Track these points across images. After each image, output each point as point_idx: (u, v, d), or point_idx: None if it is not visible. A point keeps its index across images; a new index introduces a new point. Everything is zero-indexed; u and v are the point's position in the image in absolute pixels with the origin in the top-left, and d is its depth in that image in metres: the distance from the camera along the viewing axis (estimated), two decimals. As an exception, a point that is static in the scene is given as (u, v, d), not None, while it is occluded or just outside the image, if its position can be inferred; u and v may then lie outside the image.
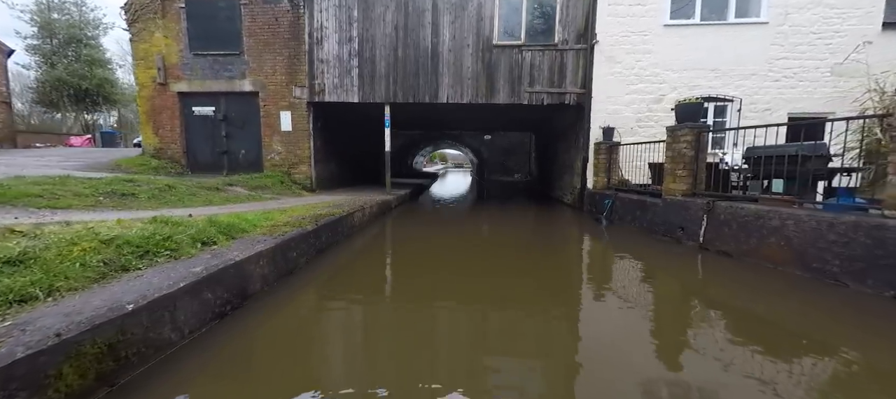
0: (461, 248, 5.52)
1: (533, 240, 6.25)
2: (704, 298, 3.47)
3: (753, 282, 3.74)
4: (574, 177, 9.77)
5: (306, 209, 5.68)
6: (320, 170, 10.33)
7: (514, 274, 4.28)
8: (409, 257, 4.90)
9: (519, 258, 4.96)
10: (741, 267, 4.27)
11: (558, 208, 10.12)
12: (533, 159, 17.98)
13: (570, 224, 7.78)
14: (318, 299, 3.23)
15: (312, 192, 9.63)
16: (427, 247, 5.51)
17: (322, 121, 10.40)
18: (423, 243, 5.79)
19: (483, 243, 5.92)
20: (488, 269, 4.38)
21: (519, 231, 7.09)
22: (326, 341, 2.50)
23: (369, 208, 6.98)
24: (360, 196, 8.92)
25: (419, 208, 10.09)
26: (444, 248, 5.51)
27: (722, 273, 4.16)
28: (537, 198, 13.25)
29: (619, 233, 6.43)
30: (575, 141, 9.70)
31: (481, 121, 14.56)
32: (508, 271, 4.38)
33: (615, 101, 8.49)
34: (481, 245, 5.76)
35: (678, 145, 5.60)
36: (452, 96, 9.10)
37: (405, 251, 5.24)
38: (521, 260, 4.88)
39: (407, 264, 4.57)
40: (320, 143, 10.36)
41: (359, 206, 6.52)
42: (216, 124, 9.90)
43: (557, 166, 11.93)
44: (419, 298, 3.28)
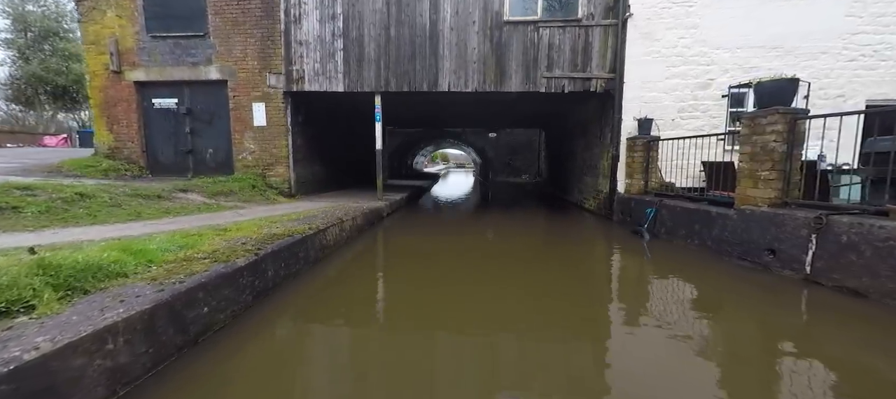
0: (465, 272, 4.08)
1: (557, 260, 4.80)
2: (841, 368, 2.04)
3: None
4: (598, 179, 8.30)
5: (263, 225, 4.25)
6: (301, 172, 8.90)
7: (539, 314, 2.86)
8: (397, 290, 3.47)
9: (544, 290, 3.51)
10: (888, 314, 2.82)
11: (578, 215, 8.66)
12: (542, 159, 16.51)
13: (598, 237, 6.33)
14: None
15: (291, 199, 8.20)
16: (422, 271, 4.08)
17: (304, 115, 8.96)
18: (417, 265, 4.37)
19: (493, 264, 4.48)
20: (504, 310, 2.93)
21: (536, 246, 5.64)
22: None
23: (352, 220, 5.54)
24: (346, 203, 7.48)
25: (416, 215, 8.66)
26: (443, 271, 4.08)
27: (857, 326, 2.70)
28: (550, 202, 11.78)
29: (668, 252, 4.98)
30: (599, 136, 8.23)
31: (486, 116, 13.12)
32: (531, 310, 2.96)
33: (652, 88, 7.03)
34: (491, 267, 4.32)
35: (762, 137, 4.13)
36: (455, 84, 7.65)
37: (393, 279, 3.81)
38: (547, 293, 3.42)
39: (394, 303, 3.14)
40: (302, 141, 8.93)
41: (336, 219, 5.08)
42: (179, 119, 8.48)
43: (575, 166, 10.46)
44: (406, 372, 1.84)
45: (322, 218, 5.10)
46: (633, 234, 6.02)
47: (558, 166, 12.84)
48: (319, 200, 8.06)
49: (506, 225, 7.61)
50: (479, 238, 6.24)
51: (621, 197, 7.07)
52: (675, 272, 4.18)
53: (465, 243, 5.80)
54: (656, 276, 4.15)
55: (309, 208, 6.43)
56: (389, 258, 4.93)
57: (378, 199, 8.24)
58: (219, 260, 2.74)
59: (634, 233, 6.05)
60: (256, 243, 3.32)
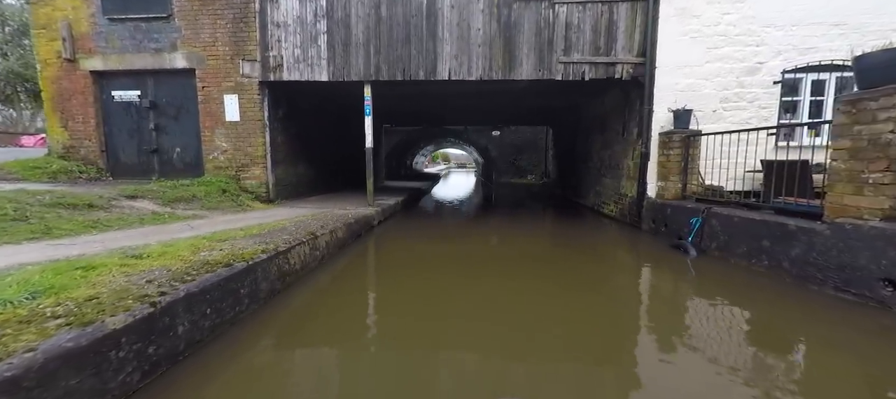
0: (468, 298, 3.04)
1: (582, 281, 3.74)
2: None
3: None
4: (620, 181, 7.23)
5: (204, 245, 3.20)
6: (282, 174, 7.85)
7: (568, 359, 1.79)
8: (380, 326, 2.41)
9: (571, 323, 2.44)
10: None
11: (595, 222, 7.59)
12: (550, 158, 15.45)
13: (627, 252, 5.28)
14: None
15: (268, 204, 7.15)
16: (415, 298, 3.03)
17: (285, 108, 7.92)
18: (408, 291, 3.33)
19: (502, 287, 3.42)
20: (522, 357, 1.88)
21: (554, 261, 4.58)
22: None
23: (330, 234, 4.49)
24: (331, 210, 6.43)
25: (413, 222, 7.60)
26: (441, 297, 3.04)
27: None
28: (560, 206, 10.72)
29: (723, 274, 3.93)
30: (622, 132, 7.16)
31: (490, 111, 12.06)
32: (556, 354, 1.90)
33: (690, 74, 5.96)
34: (500, 292, 3.26)
35: (872, 127, 3.06)
36: (456, 71, 6.59)
37: (377, 311, 2.75)
38: (576, 330, 2.36)
39: (374, 344, 2.08)
40: (283, 139, 7.88)
41: (307, 235, 4.02)
42: (142, 114, 7.44)
43: (591, 167, 9.39)
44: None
45: (290, 232, 4.04)
46: (674, 249, 4.95)
47: (569, 166, 11.77)
48: (301, 206, 7.01)
49: (514, 234, 6.55)
50: (484, 252, 5.18)
51: (653, 202, 5.99)
52: (738, 302, 3.15)
53: (467, 259, 4.74)
54: (712, 305, 3.12)
55: (283, 218, 5.38)
56: (375, 280, 3.88)
57: (369, 204, 7.18)
58: (82, 320, 1.69)
59: (675, 247, 4.98)
60: (172, 280, 2.27)
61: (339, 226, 4.84)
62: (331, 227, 4.63)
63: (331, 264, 4.22)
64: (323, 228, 4.47)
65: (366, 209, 6.75)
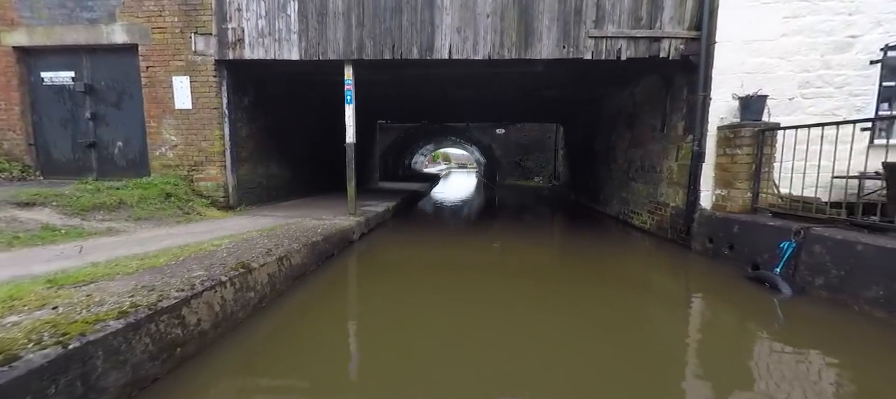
0: (475, 357, 1.73)
1: (624, 325, 2.41)
2: None
3: None
4: (659, 186, 5.91)
5: (21, 295, 1.88)
6: (247, 174, 6.53)
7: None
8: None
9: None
10: None
11: (624, 236, 6.27)
12: (560, 158, 14.12)
13: (677, 280, 3.98)
14: None
15: (226, 212, 5.83)
16: (394, 360, 1.72)
17: (252, 95, 6.60)
18: (384, 347, 1.98)
19: (519, 331, 2.10)
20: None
21: (584, 292, 3.25)
22: None
23: (279, 263, 3.16)
24: (302, 220, 5.12)
25: (404, 233, 6.28)
26: (432, 364, 1.73)
27: None
28: (575, 213, 9.39)
29: (843, 327, 2.65)
30: (662, 126, 5.84)
31: (496, 105, 10.73)
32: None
33: (760, 51, 4.63)
34: (519, 342, 1.93)
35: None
36: (459, 48, 5.27)
37: None
38: None
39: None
40: (249, 132, 6.56)
41: (237, 267, 2.69)
42: (77, 100, 6.13)
43: (615, 168, 8.07)
44: None
45: (215, 263, 2.72)
46: (752, 282, 3.63)
47: (585, 168, 10.44)
48: (267, 215, 5.69)
49: (525, 250, 5.22)
50: (490, 277, 3.85)
51: (709, 215, 4.66)
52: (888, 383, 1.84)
53: (468, 287, 3.43)
54: (837, 384, 1.80)
55: (229, 233, 4.06)
56: (337, 338, 2.54)
57: (350, 213, 5.86)
58: None
59: (754, 279, 3.66)
60: None
61: (294, 249, 3.51)
62: (282, 252, 3.31)
63: (276, 307, 2.89)
64: (269, 254, 3.15)
65: (345, 219, 5.43)
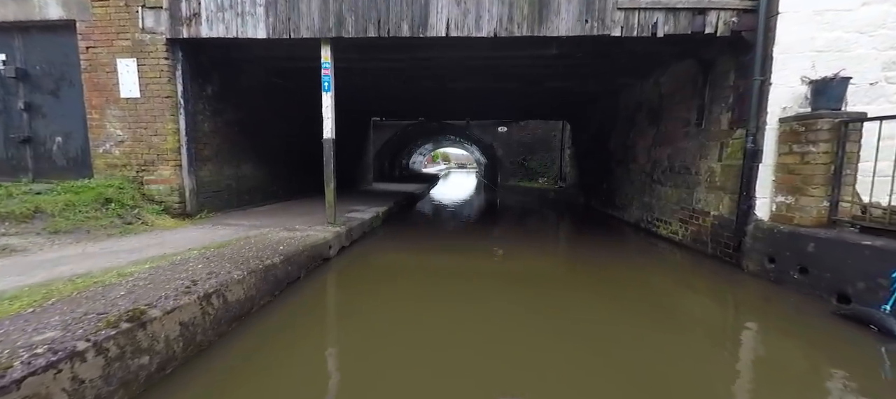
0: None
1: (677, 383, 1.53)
2: None
3: None
4: (696, 190, 4.98)
5: None
6: (211, 175, 5.60)
7: None
8: None
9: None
10: None
11: (649, 248, 5.37)
12: (567, 158, 13.20)
13: (730, 311, 3.03)
14: None
15: (181, 220, 4.91)
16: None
17: (217, 84, 5.67)
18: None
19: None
20: None
21: (611, 327, 2.31)
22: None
23: (203, 305, 2.23)
24: (270, 231, 4.20)
25: (392, 244, 5.36)
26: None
27: None
28: (587, 218, 8.48)
29: None
30: (700, 118, 4.92)
31: (499, 99, 9.82)
32: None
33: (833, 24, 3.72)
34: None
35: None
36: (459, 23, 4.35)
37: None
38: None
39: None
40: (213, 126, 5.64)
41: (121, 318, 1.77)
42: (9, 87, 5.20)
43: (633, 169, 7.15)
44: None
45: (77, 314, 1.80)
46: (845, 320, 2.73)
47: (596, 169, 9.52)
48: (230, 224, 4.77)
49: (538, 266, 4.31)
50: (496, 306, 2.93)
51: (770, 229, 3.74)
52: None
53: (471, 328, 2.49)
54: None
55: (162, 253, 3.14)
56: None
57: (328, 222, 4.93)
58: None
59: (845, 316, 2.75)
60: None
61: (234, 279, 2.58)
62: (213, 286, 2.38)
63: (188, 371, 1.97)
64: (188, 292, 2.22)
65: (321, 230, 4.50)
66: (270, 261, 3.07)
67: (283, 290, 3.17)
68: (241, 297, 2.59)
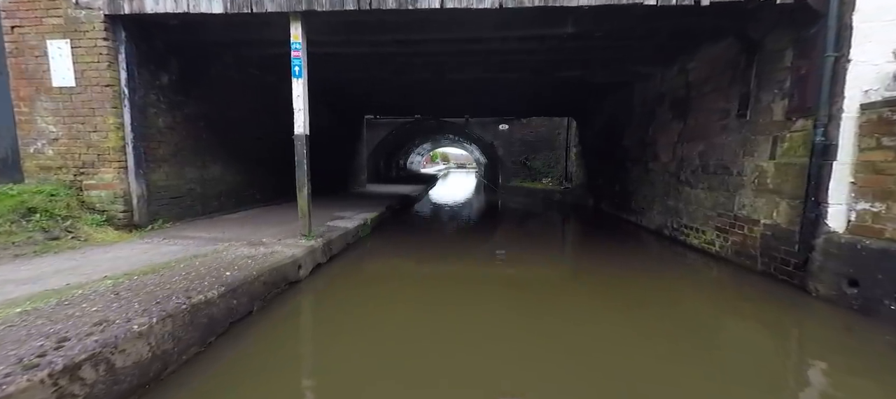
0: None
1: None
2: None
3: None
4: (741, 194, 4.19)
5: None
6: (169, 179, 4.81)
7: None
8: None
9: None
10: None
11: (674, 260, 4.62)
12: (572, 157, 12.42)
13: (787, 342, 2.25)
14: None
15: (129, 232, 4.12)
16: None
17: (175, 71, 4.88)
18: None
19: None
20: None
21: (659, 376, 1.56)
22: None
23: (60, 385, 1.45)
24: (229, 247, 3.41)
25: (377, 262, 4.56)
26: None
27: None
28: (598, 223, 7.72)
29: None
30: (743, 107, 4.14)
31: (501, 95, 9.04)
32: None
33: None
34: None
35: None
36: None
37: None
38: None
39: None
40: (171, 121, 4.85)
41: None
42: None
43: (653, 168, 6.38)
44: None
45: None
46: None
47: (607, 168, 8.75)
48: (184, 238, 3.97)
49: (551, 286, 3.52)
50: (506, 347, 2.15)
51: (849, 244, 2.96)
52: None
53: (474, 370, 1.72)
54: None
55: (68, 283, 2.36)
56: None
57: (302, 233, 4.14)
58: None
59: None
60: None
61: (132, 333, 1.79)
62: (88, 348, 1.60)
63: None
64: (29, 369, 1.43)
65: (292, 245, 3.72)
66: (203, 296, 2.28)
67: (224, 331, 2.38)
68: (142, 356, 1.80)
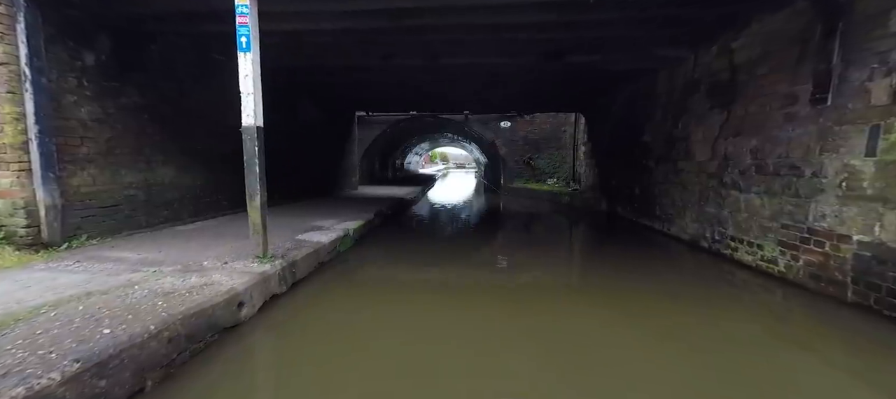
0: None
1: None
2: None
3: None
4: (823, 203, 3.27)
5: None
6: (99, 184, 3.87)
7: None
8: None
9: None
10: None
11: (719, 280, 3.72)
12: (581, 156, 11.50)
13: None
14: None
15: (35, 252, 3.18)
16: None
17: (105, 51, 3.95)
18: None
19: None
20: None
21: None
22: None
23: None
24: (143, 279, 2.45)
25: (357, 282, 3.64)
26: None
27: None
28: (613, 229, 6.82)
29: None
30: (823, 90, 3.22)
31: (503, 84, 8.13)
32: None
33: None
34: None
35: None
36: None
37: None
38: None
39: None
40: (101, 112, 3.92)
41: None
42: None
43: (684, 169, 5.48)
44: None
45: None
46: None
47: (624, 168, 7.83)
48: (109, 258, 3.04)
49: (589, 337, 2.61)
50: None
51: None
52: None
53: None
54: None
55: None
56: None
57: (256, 255, 3.21)
58: None
59: None
60: None
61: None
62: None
63: None
64: None
65: (240, 271, 2.79)
66: (30, 385, 1.36)
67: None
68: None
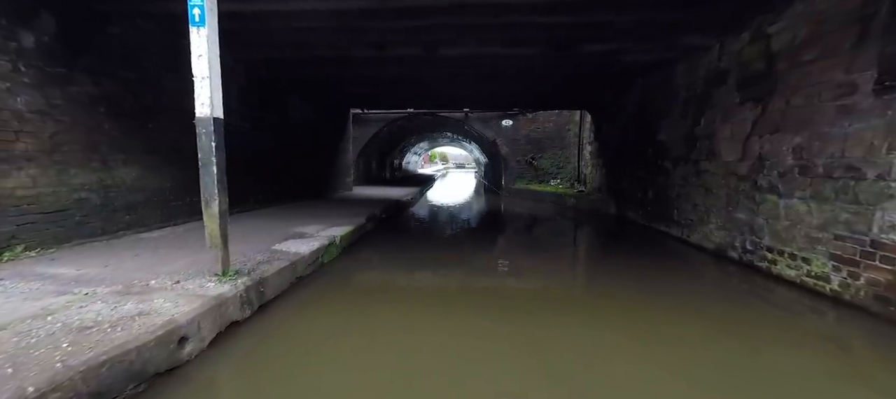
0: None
1: None
2: None
3: None
4: (885, 207, 2.76)
5: None
6: (37, 185, 3.36)
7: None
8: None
9: None
10: None
11: (755, 296, 3.21)
12: (587, 156, 10.98)
13: None
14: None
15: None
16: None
17: (49, 30, 3.45)
18: None
19: None
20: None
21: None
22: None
23: None
24: (48, 307, 1.93)
25: (338, 301, 3.12)
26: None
27: None
28: (625, 235, 6.32)
29: None
30: (891, 77, 2.70)
31: (507, 77, 7.62)
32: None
33: None
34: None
35: None
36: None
37: None
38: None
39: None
40: (43, 101, 3.42)
41: None
42: None
43: (710, 170, 4.97)
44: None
45: None
46: None
47: (636, 169, 7.32)
48: (44, 276, 2.51)
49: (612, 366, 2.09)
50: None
51: None
52: None
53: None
54: None
55: None
56: None
57: (216, 273, 2.69)
58: None
59: None
60: None
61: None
62: None
63: None
64: None
65: (187, 295, 2.28)
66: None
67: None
68: None
